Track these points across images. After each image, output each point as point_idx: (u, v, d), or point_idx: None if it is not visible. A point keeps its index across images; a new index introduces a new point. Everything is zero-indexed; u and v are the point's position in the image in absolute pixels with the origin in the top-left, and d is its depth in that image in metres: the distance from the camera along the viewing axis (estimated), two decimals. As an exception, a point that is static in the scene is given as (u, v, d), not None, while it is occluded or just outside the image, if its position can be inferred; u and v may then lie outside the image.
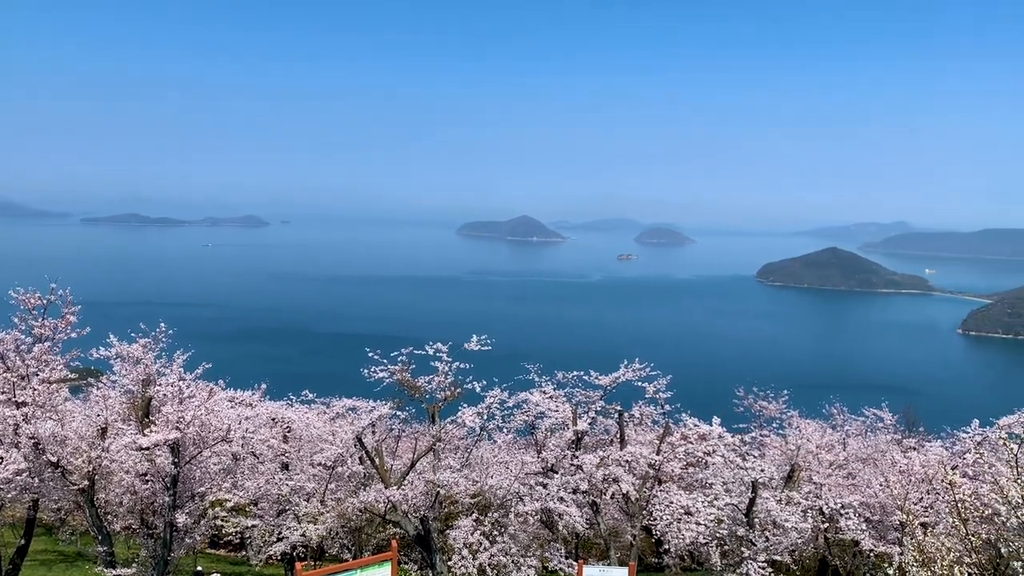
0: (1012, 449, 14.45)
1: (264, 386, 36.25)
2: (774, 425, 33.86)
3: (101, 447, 24.84)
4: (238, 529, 30.67)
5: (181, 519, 25.74)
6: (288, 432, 33.27)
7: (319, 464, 30.70)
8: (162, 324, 26.98)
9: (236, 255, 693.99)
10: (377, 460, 27.93)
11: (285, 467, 31.88)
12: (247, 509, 30.91)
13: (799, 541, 29.01)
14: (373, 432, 30.51)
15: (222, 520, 28.97)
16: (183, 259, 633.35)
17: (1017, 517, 12.71)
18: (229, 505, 28.96)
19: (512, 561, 26.60)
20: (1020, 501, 12.69)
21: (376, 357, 28.22)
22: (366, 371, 28.31)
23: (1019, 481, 13.07)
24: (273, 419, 33.34)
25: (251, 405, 33.72)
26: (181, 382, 26.06)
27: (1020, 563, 12.57)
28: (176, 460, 25.12)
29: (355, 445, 28.27)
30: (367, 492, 26.65)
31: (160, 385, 26.05)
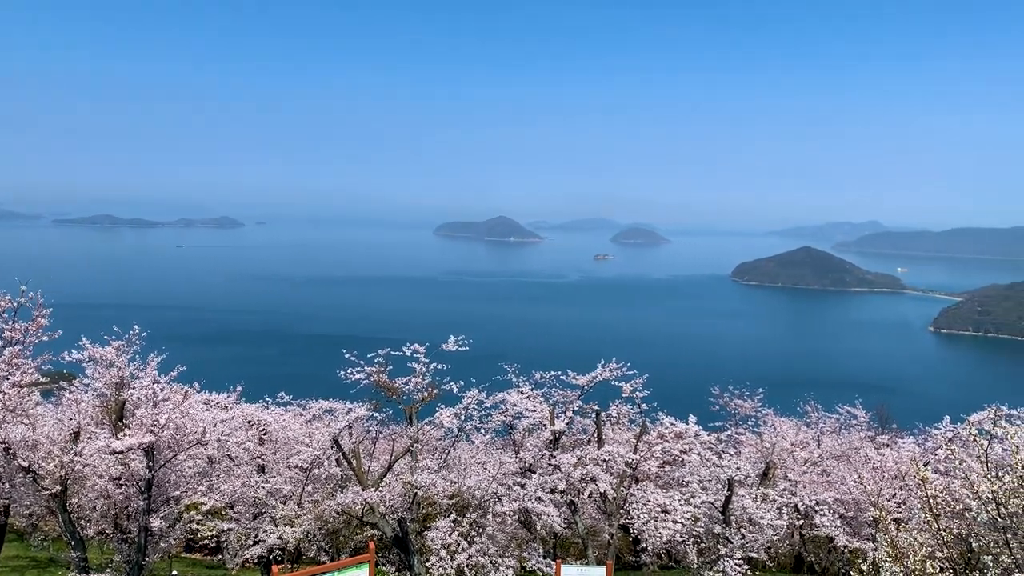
0: (982, 445, 14.69)
1: (240, 388, 35.98)
2: (749, 423, 34.18)
3: (73, 451, 24.53)
4: (214, 533, 30.39)
5: (156, 523, 25.48)
6: (264, 434, 33.05)
7: (296, 466, 30.53)
8: (135, 326, 26.70)
9: (211, 256, 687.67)
10: (354, 462, 27.83)
11: (261, 470, 31.67)
12: (223, 512, 30.64)
13: (775, 538, 29.31)
14: (350, 434, 30.40)
15: (197, 524, 28.69)
16: (157, 260, 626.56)
17: (987, 512, 12.93)
18: (204, 508, 28.69)
19: (490, 561, 26.63)
20: (990, 496, 12.91)
21: (352, 358, 28.10)
22: (342, 372, 28.19)
23: (989, 477, 13.29)
24: (249, 421, 33.10)
25: (226, 407, 33.45)
26: (155, 385, 25.78)
27: (990, 557, 12.79)
28: (150, 464, 24.86)
29: (332, 447, 28.15)
30: (344, 494, 26.55)
31: (134, 388, 25.78)
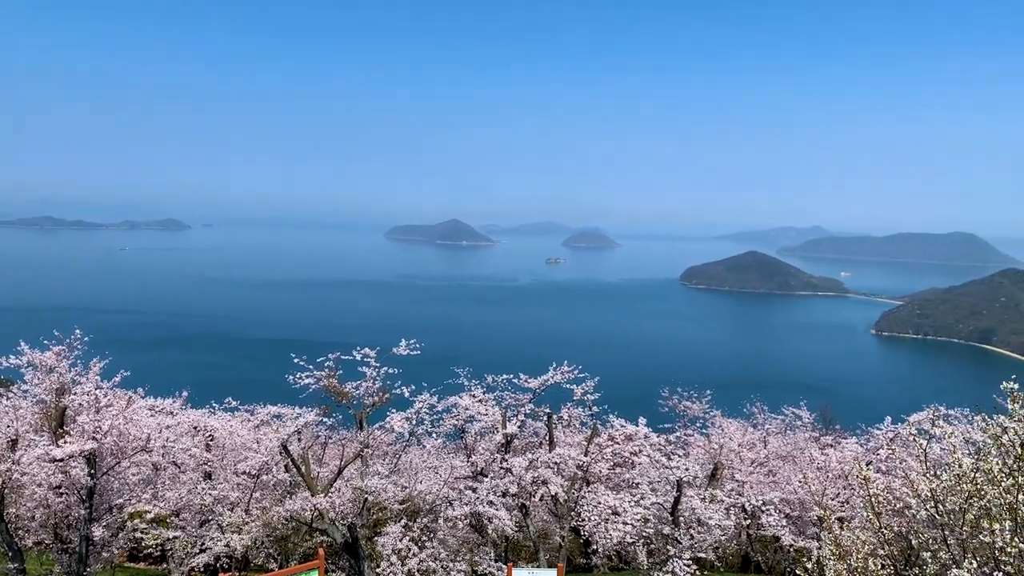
0: (922, 445, 15.10)
1: (185, 394, 35.32)
2: (698, 424, 34.62)
3: (11, 460, 23.79)
4: (159, 541, 29.76)
5: (98, 532, 24.85)
6: (211, 440, 32.47)
7: (243, 473, 30.04)
8: (77, 331, 26.01)
9: (156, 259, 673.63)
10: (303, 468, 27.49)
11: (208, 476, 31.10)
12: (168, 520, 30.03)
13: (723, 538, 29.72)
14: (299, 439, 30.01)
15: (141, 532, 28.08)
16: (99, 263, 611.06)
17: (927, 510, 13.28)
18: (149, 517, 28.11)
19: (441, 566, 26.53)
20: (929, 495, 13.26)
21: (302, 363, 27.77)
22: (291, 377, 27.82)
23: (928, 475, 13.66)
24: (195, 427, 32.49)
25: (172, 413, 32.83)
26: (97, 391, 25.17)
27: (929, 553, 13.13)
28: (92, 471, 24.25)
29: (280, 453, 27.74)
30: (293, 500, 26.21)
31: (75, 394, 25.09)
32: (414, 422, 28.40)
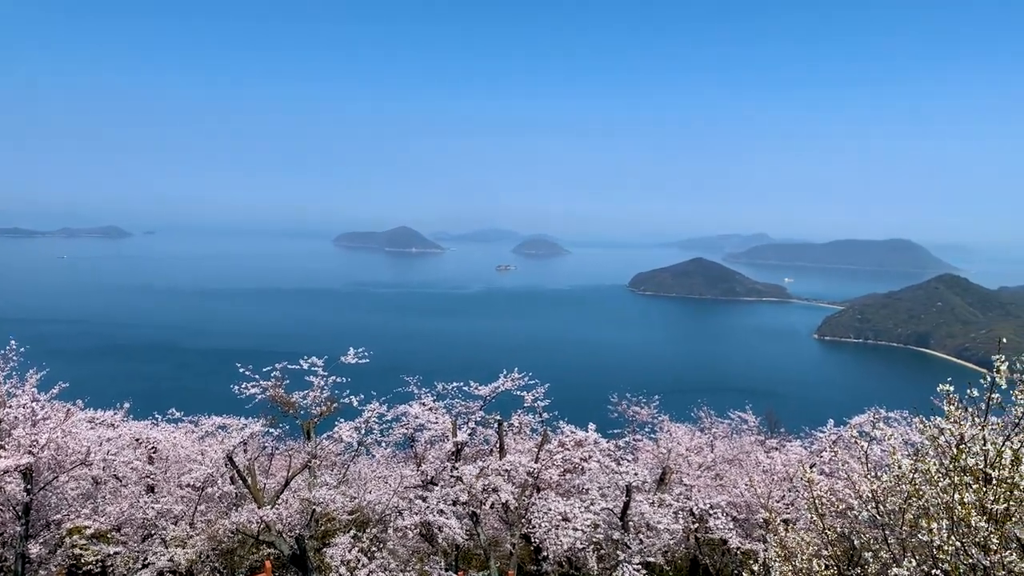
0: (863, 447, 15.45)
1: (127, 405, 34.40)
2: (646, 429, 34.91)
3: (-60, 477, 22.92)
4: (99, 557, 28.87)
5: (35, 550, 24.06)
6: (154, 453, 31.66)
7: (187, 485, 29.34)
8: (12, 341, 25.19)
9: (95, 268, 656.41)
10: (249, 479, 27.00)
11: (151, 489, 30.32)
12: (109, 535, 29.18)
13: (671, 542, 29.98)
14: (245, 450, 29.44)
15: (81, 548, 27.22)
16: (35, 272, 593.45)
17: (868, 511, 13.55)
18: (89, 532, 27.27)
19: (391, 576, 26.29)
20: (870, 496, 13.55)
21: (247, 373, 27.29)
22: (237, 387, 27.32)
23: (869, 477, 13.96)
24: (137, 439, 31.66)
25: (113, 425, 31.93)
26: (34, 403, 24.39)
27: (871, 553, 13.41)
28: (28, 487, 23.48)
29: (226, 464, 27.21)
30: (239, 512, 25.71)
31: (10, 407, 24.26)
32: (363, 431, 28.11)
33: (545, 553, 29.23)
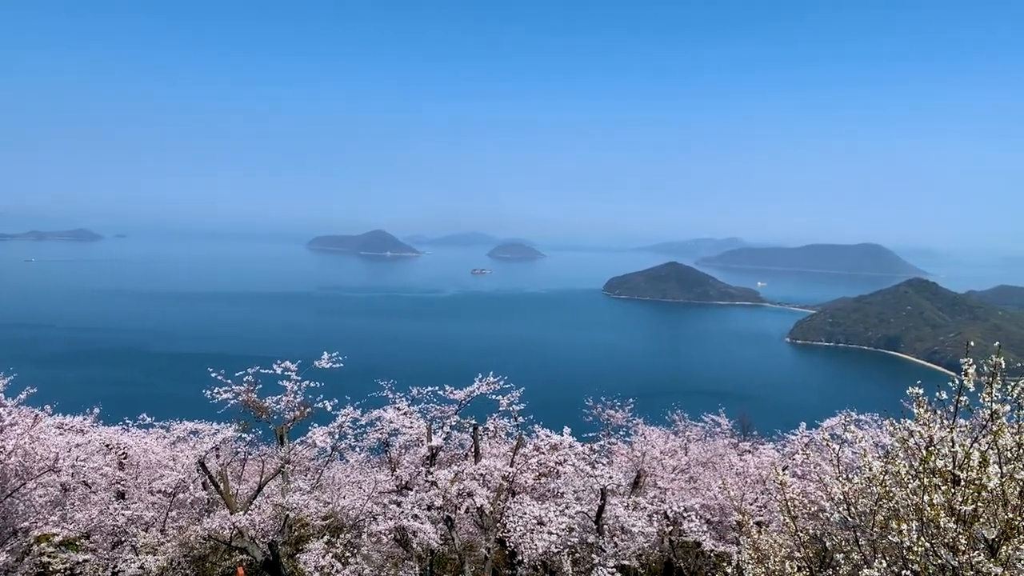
0: (835, 449, 15.60)
1: (97, 410, 33.90)
2: (621, 433, 35.02)
3: (-97, 484, 22.46)
4: (67, 565, 28.41)
5: (1, 558, 23.61)
6: (124, 459, 31.23)
7: (159, 491, 28.98)
8: (-23, 346, 24.78)
9: (65, 271, 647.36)
10: (222, 485, 26.74)
11: (121, 496, 29.90)
12: (78, 543, 28.72)
13: (646, 545, 30.09)
14: (217, 456, 29.12)
15: (49, 556, 26.77)
16: (3, 275, 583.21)
17: (839, 512, 13.66)
18: (57, 540, 26.83)
19: (366, 582, 26.13)
20: (842, 497, 13.66)
21: (220, 377, 27.03)
22: (209, 392, 27.06)
23: (841, 479, 14.08)
24: (107, 445, 31.20)
25: (82, 431, 31.43)
26: (0, 408, 23.98)
27: (842, 555, 13.53)
28: (-7, 495, 23.08)
29: (198, 470, 26.92)
30: (211, 518, 25.44)
31: (-25, 413, 23.86)
32: (337, 436, 27.95)
33: (520, 557, 29.20)
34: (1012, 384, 11.74)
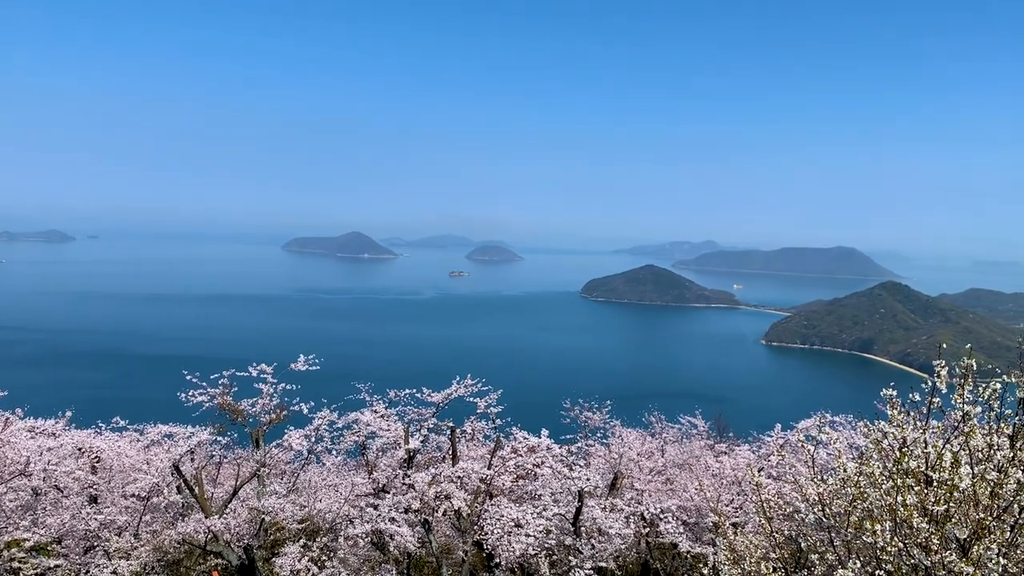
0: (809, 450, 15.73)
1: (69, 414, 33.46)
2: (598, 435, 35.08)
3: None
4: (38, 571, 28.01)
5: (-32, 565, 23.25)
6: (97, 462, 30.84)
7: (132, 495, 28.66)
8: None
9: (36, 273, 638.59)
10: (196, 489, 26.48)
11: (94, 500, 29.52)
12: (49, 548, 28.32)
13: (623, 547, 30.15)
14: (192, 459, 28.86)
15: (19, 562, 26.37)
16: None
17: (814, 513, 13.77)
18: (28, 545, 26.44)
19: (342, 586, 25.99)
20: (816, 499, 13.77)
21: (195, 380, 26.79)
22: (184, 395, 26.81)
23: (815, 480, 14.20)
24: (80, 449, 30.82)
25: (54, 435, 31.02)
26: (-31, 413, 23.63)
27: (817, 555, 13.64)
28: (-38, 500, 22.69)
29: (172, 474, 26.65)
30: (186, 523, 25.19)
31: (-57, 417, 23.49)
32: (313, 439, 27.79)
33: (497, 560, 29.16)
34: (983, 386, 11.90)
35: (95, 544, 28.09)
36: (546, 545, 28.73)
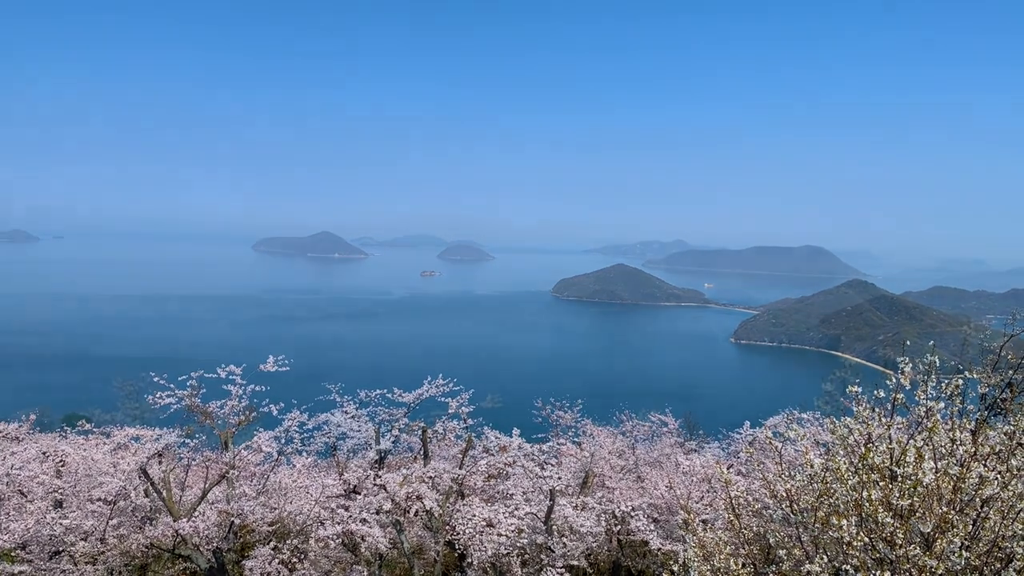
0: (777, 447, 15.91)
1: (33, 417, 32.92)
2: (570, 433, 35.20)
3: None
4: (1, 577, 27.58)
5: (-72, 572, 22.78)
6: (62, 466, 30.36)
7: (99, 499, 28.23)
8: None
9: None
10: (164, 492, 26.16)
11: (59, 505, 29.05)
12: (13, 554, 27.83)
13: (594, 545, 30.29)
14: (159, 462, 28.51)
15: (-19, 569, 25.94)
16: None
17: (782, 509, 13.93)
18: (-10, 552, 26.01)
19: (313, 588, 25.82)
20: (784, 495, 13.93)
21: (162, 382, 26.43)
22: (151, 397, 26.46)
23: (783, 476, 14.36)
24: (44, 453, 30.33)
25: (17, 439, 30.52)
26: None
27: (785, 551, 13.79)
28: (-78, 506, 22.22)
29: (139, 477, 26.30)
30: (153, 526, 24.89)
31: (-99, 422, 22.97)
32: (283, 441, 27.58)
33: (470, 559, 29.14)
34: (946, 382, 12.13)
35: (61, 549, 27.64)
36: (518, 544, 28.75)
